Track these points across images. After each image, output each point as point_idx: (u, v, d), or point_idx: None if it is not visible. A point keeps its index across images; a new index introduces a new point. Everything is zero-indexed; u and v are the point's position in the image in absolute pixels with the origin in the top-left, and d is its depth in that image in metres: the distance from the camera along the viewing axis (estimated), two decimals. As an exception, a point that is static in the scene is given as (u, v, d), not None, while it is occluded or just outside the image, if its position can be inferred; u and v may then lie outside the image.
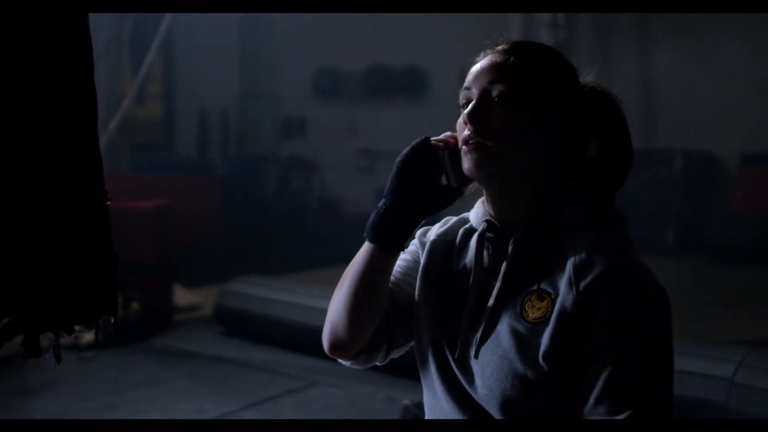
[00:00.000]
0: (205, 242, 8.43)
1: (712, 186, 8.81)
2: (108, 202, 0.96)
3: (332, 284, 1.40)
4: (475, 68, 1.30)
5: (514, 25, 7.61)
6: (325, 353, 1.42)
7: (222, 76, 11.02)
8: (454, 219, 1.43)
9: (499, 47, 1.30)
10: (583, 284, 1.19)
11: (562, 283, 1.21)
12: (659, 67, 8.93)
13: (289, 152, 11.52)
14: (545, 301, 1.22)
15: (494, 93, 1.26)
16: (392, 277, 1.39)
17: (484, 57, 1.30)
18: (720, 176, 8.83)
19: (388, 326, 1.38)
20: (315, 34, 10.04)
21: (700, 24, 8.19)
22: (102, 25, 7.14)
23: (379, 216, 1.31)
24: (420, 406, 4.06)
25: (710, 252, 8.25)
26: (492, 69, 1.27)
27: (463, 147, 1.27)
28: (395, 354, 1.43)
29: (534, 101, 1.25)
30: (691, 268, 7.90)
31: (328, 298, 1.40)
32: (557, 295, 1.21)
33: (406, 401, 4.17)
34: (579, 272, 1.20)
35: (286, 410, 4.33)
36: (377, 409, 4.29)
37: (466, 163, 1.27)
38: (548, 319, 1.20)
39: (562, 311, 1.19)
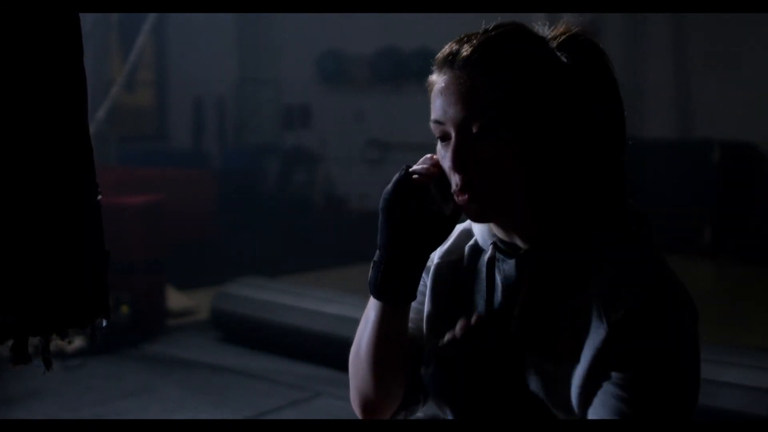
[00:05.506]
0: (201, 241, 8.44)
1: (752, 180, 8.76)
2: (99, 197, 0.97)
3: (338, 286, 1.41)
4: (440, 94, 1.22)
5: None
6: (330, 361, 1.42)
7: (219, 61, 11.03)
8: (455, 233, 1.40)
9: (462, 54, 1.20)
10: (614, 318, 1.17)
11: (590, 316, 1.19)
12: (694, 47, 8.90)
13: (292, 143, 11.53)
14: (573, 336, 1.20)
15: (473, 129, 1.19)
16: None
17: (443, 71, 1.23)
18: (761, 169, 8.78)
19: (419, 373, 1.38)
20: (319, 15, 10.03)
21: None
22: (88, 5, 7.14)
23: (380, 272, 1.28)
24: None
25: (750, 252, 8.22)
26: (462, 100, 1.19)
27: (458, 198, 1.23)
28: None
29: (517, 122, 1.19)
30: (729, 269, 7.86)
31: (334, 301, 1.40)
32: (586, 330, 1.19)
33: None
34: (607, 305, 1.18)
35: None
36: (387, 422, 4.29)
37: (466, 214, 1.26)
38: (578, 358, 1.19)
39: (592, 348, 1.18)
